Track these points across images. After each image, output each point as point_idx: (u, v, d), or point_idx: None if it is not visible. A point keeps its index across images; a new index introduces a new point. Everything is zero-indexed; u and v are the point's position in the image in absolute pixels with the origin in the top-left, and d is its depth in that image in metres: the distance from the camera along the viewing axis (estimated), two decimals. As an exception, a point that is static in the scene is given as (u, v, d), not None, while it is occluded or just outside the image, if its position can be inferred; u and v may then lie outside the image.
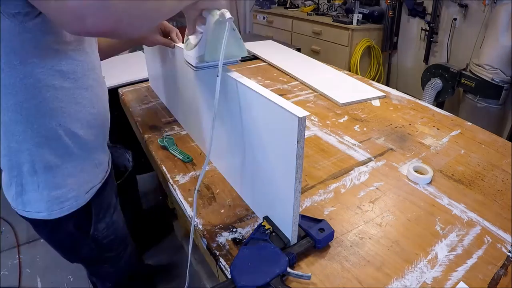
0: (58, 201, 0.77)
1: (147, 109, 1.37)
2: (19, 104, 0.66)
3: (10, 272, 1.77)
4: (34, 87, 0.65)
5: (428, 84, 2.76)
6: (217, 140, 0.92)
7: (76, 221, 0.83)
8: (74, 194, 0.79)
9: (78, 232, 0.85)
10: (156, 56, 1.30)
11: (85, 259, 0.97)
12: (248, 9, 4.73)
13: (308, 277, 0.61)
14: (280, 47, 2.17)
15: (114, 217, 0.94)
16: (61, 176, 0.76)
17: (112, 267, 1.02)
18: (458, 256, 0.68)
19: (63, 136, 0.73)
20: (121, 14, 0.48)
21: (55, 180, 0.75)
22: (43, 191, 0.75)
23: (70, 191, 0.78)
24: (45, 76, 0.66)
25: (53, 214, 0.78)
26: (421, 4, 2.98)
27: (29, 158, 0.72)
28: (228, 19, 0.63)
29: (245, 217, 0.79)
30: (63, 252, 0.93)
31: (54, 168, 0.75)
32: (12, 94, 0.65)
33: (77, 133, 0.75)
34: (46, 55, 0.65)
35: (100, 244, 0.91)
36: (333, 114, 1.30)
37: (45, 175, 0.74)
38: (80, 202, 0.80)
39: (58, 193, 0.76)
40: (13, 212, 0.83)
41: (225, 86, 0.77)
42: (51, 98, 0.68)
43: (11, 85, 0.64)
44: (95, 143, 0.83)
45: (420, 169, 0.93)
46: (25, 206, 0.77)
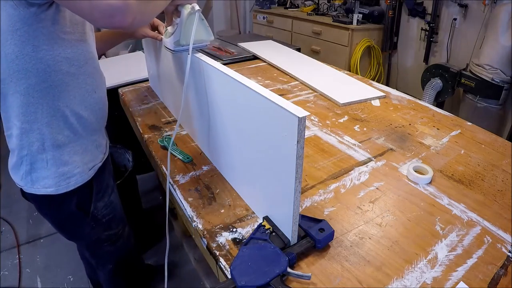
0: (64, 177, 0.85)
1: (147, 109, 1.37)
2: (31, 87, 0.74)
3: (10, 272, 1.77)
4: (45, 71, 0.74)
5: (428, 84, 2.75)
6: (217, 139, 0.92)
7: (78, 198, 0.90)
8: (79, 170, 0.87)
9: (79, 211, 0.92)
10: (156, 56, 1.30)
11: (86, 238, 1.02)
12: (248, 9, 4.73)
13: (308, 277, 0.61)
14: (280, 47, 2.17)
15: (112, 197, 1.02)
16: (67, 153, 0.84)
17: (112, 246, 1.06)
18: (458, 256, 0.68)
19: (69, 117, 0.82)
20: (136, 13, 0.62)
21: (62, 157, 0.83)
22: (51, 168, 0.83)
23: (75, 167, 0.86)
24: (54, 62, 0.75)
25: (60, 189, 0.85)
26: (421, 4, 2.97)
27: (39, 137, 0.80)
28: (197, 10, 0.82)
29: (245, 217, 0.79)
30: (66, 232, 1.01)
31: (62, 146, 0.83)
32: (25, 79, 0.73)
33: (81, 114, 0.84)
34: (55, 43, 0.74)
35: (99, 222, 0.98)
36: (333, 114, 1.30)
37: (53, 153, 0.82)
38: (84, 178, 0.88)
39: (65, 169, 0.84)
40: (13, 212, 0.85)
41: (224, 85, 0.77)
42: (59, 82, 0.77)
43: (24, 70, 0.72)
44: (96, 125, 0.92)
45: (420, 169, 0.93)
46: (34, 184, 0.84)
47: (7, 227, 2.05)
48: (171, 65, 1.14)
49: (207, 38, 0.89)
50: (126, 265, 1.18)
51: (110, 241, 1.06)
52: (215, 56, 1.99)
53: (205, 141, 1.03)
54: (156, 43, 1.25)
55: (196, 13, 0.82)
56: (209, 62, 0.82)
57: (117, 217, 1.05)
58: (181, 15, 0.85)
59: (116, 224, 1.05)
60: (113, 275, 1.18)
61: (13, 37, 0.68)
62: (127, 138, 1.67)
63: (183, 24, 0.85)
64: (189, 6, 0.84)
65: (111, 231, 1.04)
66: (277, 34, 3.93)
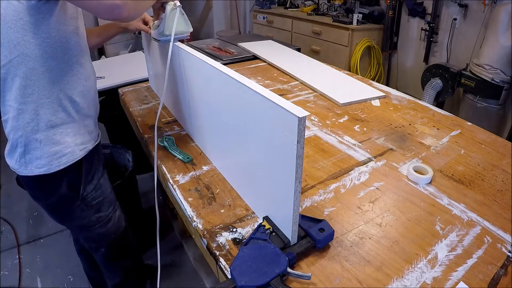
0: (56, 156, 0.91)
1: (147, 109, 1.37)
2: (29, 71, 0.82)
3: (10, 272, 1.77)
4: (42, 57, 0.82)
5: (428, 84, 2.75)
6: (217, 139, 0.92)
7: (69, 179, 0.96)
8: (70, 150, 0.93)
9: (70, 193, 0.98)
10: (156, 56, 1.30)
11: (77, 220, 1.06)
12: (248, 9, 4.73)
13: (308, 277, 0.61)
14: (280, 47, 2.17)
15: (101, 180, 1.07)
16: (59, 134, 0.90)
17: (102, 228, 1.10)
18: (458, 256, 0.68)
19: (63, 100, 0.89)
20: (131, 9, 0.77)
21: (54, 137, 0.90)
22: (44, 147, 0.89)
23: (66, 147, 0.92)
24: (51, 49, 0.83)
25: (52, 168, 0.91)
26: (421, 4, 2.97)
27: (34, 117, 0.86)
28: (178, 6, 1.00)
29: (245, 217, 0.79)
30: (58, 216, 1.07)
31: (54, 126, 0.89)
32: (25, 63, 0.80)
33: (74, 99, 0.92)
34: (52, 33, 0.82)
35: (89, 204, 1.03)
36: (333, 114, 1.30)
37: (46, 133, 0.88)
38: (75, 157, 0.94)
39: (57, 149, 0.91)
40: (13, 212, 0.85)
41: (221, 83, 0.77)
42: (55, 67, 0.85)
43: (24, 55, 0.80)
44: (88, 111, 0.98)
45: (420, 169, 0.93)
46: (27, 165, 0.90)
47: (7, 227, 2.05)
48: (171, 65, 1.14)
49: (187, 30, 1.05)
50: (119, 248, 1.21)
51: (100, 223, 1.09)
52: (215, 56, 1.99)
53: (205, 141, 1.03)
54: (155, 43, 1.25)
55: (177, 8, 1.00)
56: (209, 62, 0.82)
57: (107, 200, 1.09)
58: (166, 11, 1.00)
59: (106, 207, 1.09)
60: (108, 259, 1.22)
61: (16, 25, 0.77)
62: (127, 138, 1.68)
63: (166, 17, 1.00)
64: (172, 2, 1.00)
65: (101, 213, 1.08)
66: (277, 34, 3.93)
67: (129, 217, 1.22)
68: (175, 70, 1.11)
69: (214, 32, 4.73)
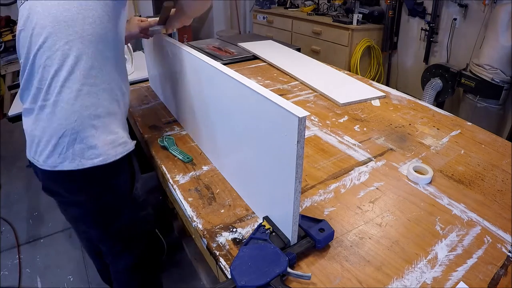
0: (113, 145, 0.86)
1: (147, 109, 1.37)
2: (98, 52, 0.82)
3: (10, 272, 1.77)
4: (113, 41, 0.85)
5: (428, 84, 2.75)
6: (217, 139, 0.92)
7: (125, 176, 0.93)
8: (124, 140, 0.90)
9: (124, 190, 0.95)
10: (156, 56, 1.30)
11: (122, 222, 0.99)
12: (248, 9, 4.73)
13: (308, 277, 0.61)
14: (280, 47, 2.17)
15: (142, 179, 1.03)
16: (115, 123, 0.88)
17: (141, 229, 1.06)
18: (458, 256, 0.68)
19: (116, 89, 0.89)
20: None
21: (111, 126, 0.86)
22: (101, 135, 0.84)
23: (120, 137, 0.89)
24: (118, 36, 0.87)
25: (109, 158, 0.85)
26: (421, 4, 2.97)
27: (95, 101, 0.83)
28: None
29: (245, 217, 0.79)
30: (105, 218, 0.97)
31: (112, 114, 0.87)
32: (95, 42, 0.81)
33: (124, 90, 0.92)
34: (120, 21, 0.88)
35: (137, 203, 1.00)
36: (333, 114, 1.30)
37: (104, 120, 0.85)
38: (128, 148, 0.90)
39: (112, 138, 0.86)
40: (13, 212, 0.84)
41: (221, 83, 0.77)
42: (117, 54, 0.88)
43: (97, 34, 0.81)
44: (128, 105, 0.98)
45: (420, 169, 0.93)
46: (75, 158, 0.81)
47: (7, 227, 2.05)
48: (171, 65, 1.14)
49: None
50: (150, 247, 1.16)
51: (143, 224, 1.06)
52: (215, 56, 1.99)
53: (205, 141, 1.03)
54: (155, 43, 1.25)
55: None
56: (209, 62, 0.83)
57: (145, 198, 1.06)
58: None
59: (146, 203, 1.06)
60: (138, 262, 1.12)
61: (97, 4, 0.80)
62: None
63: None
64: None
65: (144, 211, 1.05)
66: (277, 34, 3.93)
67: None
68: (175, 70, 1.11)
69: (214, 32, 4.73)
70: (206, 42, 2.34)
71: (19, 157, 2.72)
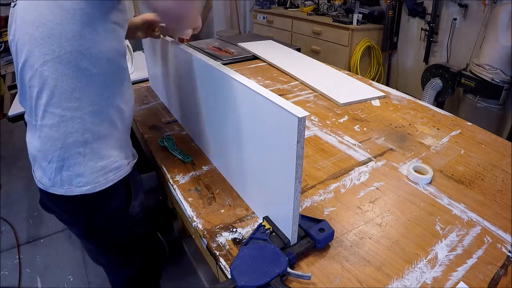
0: (103, 172, 0.79)
1: (147, 109, 1.37)
2: (81, 71, 0.71)
3: (10, 272, 1.77)
4: (97, 57, 0.73)
5: (428, 84, 2.75)
6: (217, 139, 0.92)
7: (118, 197, 0.86)
8: (117, 164, 0.82)
9: (117, 213, 0.88)
10: (156, 56, 1.30)
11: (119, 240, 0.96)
12: (248, 9, 4.73)
13: (308, 277, 0.61)
14: (280, 47, 2.17)
15: (142, 194, 0.98)
16: (106, 147, 0.79)
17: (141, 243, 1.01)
18: (458, 256, 0.68)
19: (110, 108, 0.79)
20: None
21: (101, 151, 0.78)
22: (88, 163, 0.77)
23: (113, 162, 0.81)
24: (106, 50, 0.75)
25: (97, 187, 0.79)
26: (421, 4, 2.97)
27: (80, 127, 0.74)
28: None
29: (245, 217, 0.79)
30: (99, 237, 0.93)
31: (102, 138, 0.78)
32: (77, 61, 0.70)
33: (121, 107, 0.82)
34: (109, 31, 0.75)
35: (134, 221, 0.93)
36: (333, 114, 1.30)
37: (93, 145, 0.77)
38: (123, 172, 0.83)
39: (103, 164, 0.79)
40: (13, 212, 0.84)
41: (221, 83, 0.77)
42: (107, 70, 0.76)
43: (78, 52, 0.70)
44: (129, 121, 0.89)
45: (420, 169, 0.93)
46: (64, 184, 0.77)
47: (7, 227, 2.05)
48: (171, 65, 1.14)
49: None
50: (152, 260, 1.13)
51: (140, 241, 1.01)
52: (215, 56, 1.99)
53: (205, 141, 1.03)
54: (155, 43, 1.25)
55: None
56: (209, 62, 0.83)
57: (146, 213, 1.01)
58: None
59: (145, 221, 1.01)
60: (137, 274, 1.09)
61: (74, 16, 0.68)
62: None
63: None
64: None
65: (141, 229, 1.00)
66: (277, 34, 3.93)
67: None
68: (175, 70, 1.11)
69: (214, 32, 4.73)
70: (206, 42, 2.34)
71: (19, 157, 2.72)
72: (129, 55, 1.74)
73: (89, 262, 1.78)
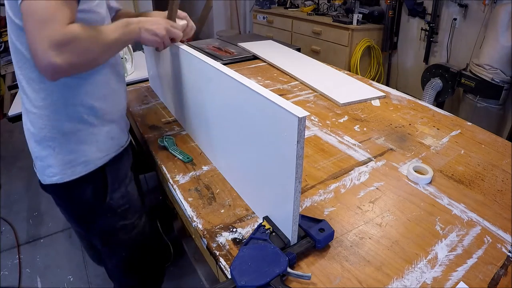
0: (70, 165, 0.86)
1: (147, 109, 1.37)
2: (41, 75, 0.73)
3: (10, 272, 1.77)
4: None
5: (428, 84, 2.75)
6: (217, 140, 0.92)
7: (92, 187, 0.91)
8: (86, 159, 0.88)
9: (94, 202, 0.93)
10: (156, 56, 1.30)
11: (101, 228, 1.01)
12: (248, 9, 4.73)
13: (308, 277, 0.61)
14: (280, 47, 2.17)
15: (129, 188, 1.01)
16: (74, 142, 0.85)
17: (126, 235, 1.04)
18: (458, 256, 0.68)
19: (78, 106, 0.83)
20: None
21: (69, 145, 0.85)
22: (58, 156, 0.85)
23: (81, 156, 0.87)
24: None
25: (65, 177, 0.86)
26: (421, 4, 2.97)
27: (48, 123, 0.82)
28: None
29: (245, 217, 0.79)
30: (81, 222, 1.02)
31: (70, 134, 0.84)
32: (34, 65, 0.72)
33: (93, 104, 0.85)
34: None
35: (115, 212, 0.98)
36: (333, 114, 1.30)
37: (60, 140, 0.84)
38: (91, 166, 0.89)
39: (71, 157, 0.86)
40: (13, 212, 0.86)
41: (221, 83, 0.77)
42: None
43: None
44: (110, 116, 0.91)
45: (420, 169, 0.93)
46: (43, 172, 0.87)
47: (7, 227, 2.05)
48: (171, 65, 1.14)
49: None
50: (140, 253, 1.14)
51: (125, 231, 1.03)
52: (215, 56, 1.98)
53: (205, 141, 1.03)
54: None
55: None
56: (209, 62, 0.83)
57: (133, 207, 1.03)
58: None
59: (132, 214, 1.03)
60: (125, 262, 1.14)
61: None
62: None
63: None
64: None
65: (126, 221, 1.02)
66: (277, 34, 3.93)
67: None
68: (175, 70, 1.11)
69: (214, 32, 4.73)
70: (206, 42, 2.34)
71: (19, 157, 2.72)
72: (129, 55, 1.74)
73: (89, 262, 1.77)
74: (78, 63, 0.70)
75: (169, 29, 0.89)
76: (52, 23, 0.63)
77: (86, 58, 0.72)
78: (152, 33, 0.85)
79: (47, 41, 0.63)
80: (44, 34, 0.63)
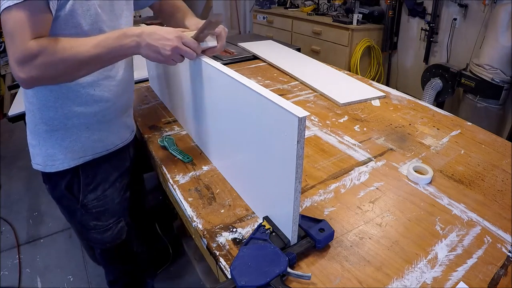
0: (51, 159, 0.93)
1: (147, 109, 1.37)
2: None
3: (10, 272, 1.77)
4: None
5: (428, 84, 2.75)
6: (217, 139, 0.92)
7: (66, 182, 0.97)
8: (63, 157, 0.93)
9: (68, 195, 0.99)
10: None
11: (78, 221, 1.06)
12: (248, 9, 4.73)
13: (308, 277, 0.61)
14: (280, 47, 2.17)
15: (107, 192, 1.04)
16: (55, 139, 0.91)
17: (98, 235, 1.08)
18: (458, 256, 0.68)
19: (59, 108, 0.88)
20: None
21: (50, 140, 0.91)
22: (42, 147, 0.93)
23: (60, 153, 0.93)
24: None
25: (47, 168, 0.94)
26: (421, 4, 2.97)
27: (33, 118, 0.90)
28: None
29: (245, 217, 0.79)
30: (64, 210, 1.07)
31: (50, 131, 0.90)
32: None
33: (72, 108, 0.89)
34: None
35: (89, 212, 1.03)
36: (333, 114, 1.30)
37: (43, 135, 0.91)
38: (65, 165, 0.94)
39: (51, 152, 0.93)
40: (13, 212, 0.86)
41: (221, 83, 0.77)
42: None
43: None
44: (94, 119, 0.94)
45: (420, 169, 0.93)
46: (32, 158, 0.96)
47: (7, 227, 2.05)
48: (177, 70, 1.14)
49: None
50: (113, 255, 1.19)
51: (97, 231, 1.06)
52: (215, 56, 1.98)
53: (205, 141, 1.03)
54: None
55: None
56: (209, 62, 0.83)
57: (109, 211, 1.05)
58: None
59: (106, 217, 1.06)
60: (102, 259, 1.23)
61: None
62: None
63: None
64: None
65: (99, 222, 1.05)
66: (277, 34, 3.93)
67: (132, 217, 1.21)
68: (175, 70, 1.11)
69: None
70: (206, 42, 2.34)
71: (19, 157, 2.72)
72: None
73: (89, 262, 1.78)
74: (43, 77, 0.71)
75: (178, 48, 0.77)
76: (16, 39, 0.67)
77: (52, 73, 0.71)
78: (154, 50, 0.76)
79: (12, 58, 0.68)
80: (11, 50, 0.68)
